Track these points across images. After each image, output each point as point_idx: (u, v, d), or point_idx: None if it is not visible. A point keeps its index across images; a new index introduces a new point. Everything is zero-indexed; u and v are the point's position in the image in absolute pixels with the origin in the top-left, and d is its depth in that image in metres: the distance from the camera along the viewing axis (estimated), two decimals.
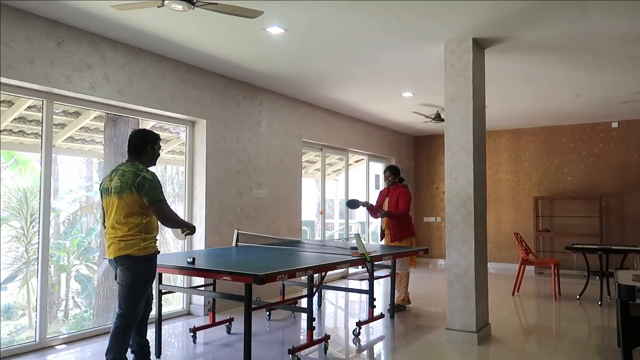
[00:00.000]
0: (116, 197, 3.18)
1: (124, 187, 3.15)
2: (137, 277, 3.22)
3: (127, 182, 3.15)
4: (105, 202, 3.29)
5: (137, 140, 3.33)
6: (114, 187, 3.21)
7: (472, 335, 4.38)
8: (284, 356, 4.09)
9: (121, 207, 3.17)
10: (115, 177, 3.23)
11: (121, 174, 3.21)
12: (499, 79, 5.86)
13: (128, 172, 3.19)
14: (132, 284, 3.22)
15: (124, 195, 3.15)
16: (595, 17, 3.96)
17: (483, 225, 4.67)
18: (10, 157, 5.22)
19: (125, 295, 3.24)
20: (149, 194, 3.14)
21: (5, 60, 3.76)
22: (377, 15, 3.94)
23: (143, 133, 3.40)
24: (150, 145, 3.35)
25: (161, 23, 4.17)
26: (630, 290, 3.46)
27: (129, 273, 3.20)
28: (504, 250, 9.46)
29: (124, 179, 3.17)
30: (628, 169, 8.53)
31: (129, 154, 3.36)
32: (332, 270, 4.13)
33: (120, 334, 3.24)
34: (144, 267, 3.23)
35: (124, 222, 3.18)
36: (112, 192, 3.22)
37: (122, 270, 3.22)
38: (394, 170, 6.11)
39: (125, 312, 3.24)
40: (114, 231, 3.23)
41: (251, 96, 6.25)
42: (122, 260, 3.20)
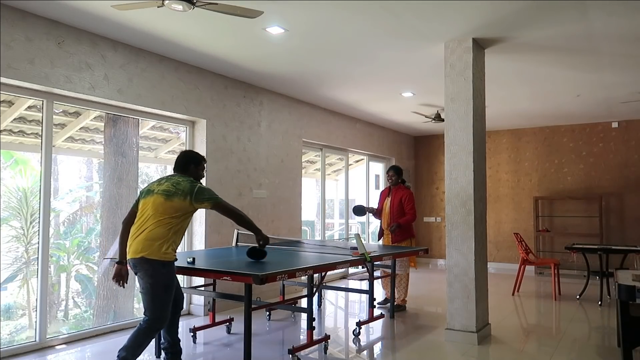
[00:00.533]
0: (163, 198, 3.25)
1: (178, 193, 3.27)
2: (156, 283, 3.22)
3: (183, 190, 3.28)
4: (144, 202, 3.33)
5: (181, 159, 3.54)
6: (163, 190, 3.29)
7: (472, 335, 4.38)
8: (284, 356, 4.09)
9: (165, 207, 3.24)
10: (166, 183, 3.35)
11: (175, 182, 3.34)
12: (499, 79, 5.86)
13: (184, 181, 3.34)
14: (152, 290, 3.21)
15: (175, 199, 3.25)
16: (595, 17, 3.96)
17: (483, 225, 4.67)
18: (10, 157, 5.22)
19: (150, 303, 3.23)
20: (211, 199, 3.36)
21: (5, 60, 3.76)
22: (377, 15, 3.94)
23: (188, 154, 3.59)
24: (192, 165, 3.53)
25: (161, 23, 4.17)
26: (630, 290, 3.46)
27: (148, 279, 3.20)
28: (504, 250, 9.46)
29: (179, 186, 3.30)
30: (628, 169, 8.53)
31: (176, 170, 3.52)
32: (332, 270, 4.13)
33: (140, 336, 3.21)
34: (161, 273, 3.23)
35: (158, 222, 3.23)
36: (157, 193, 3.29)
37: (141, 277, 3.22)
38: (397, 170, 6.08)
39: (151, 318, 3.23)
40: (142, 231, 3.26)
41: (251, 96, 6.25)
42: (140, 265, 3.21)
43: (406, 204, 5.82)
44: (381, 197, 6.18)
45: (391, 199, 5.95)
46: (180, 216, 3.28)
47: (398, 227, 5.75)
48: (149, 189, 3.38)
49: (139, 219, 3.32)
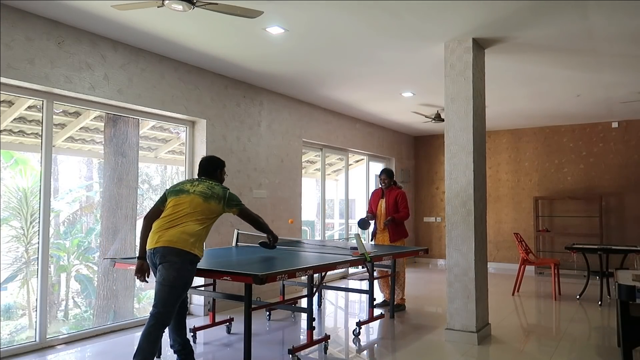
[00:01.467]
0: (201, 199, 3.40)
1: (214, 196, 3.44)
2: (180, 278, 3.22)
3: (217, 194, 3.46)
4: (176, 200, 3.40)
5: (209, 166, 3.71)
6: (200, 191, 3.44)
7: (472, 335, 4.38)
8: (284, 356, 4.09)
9: (203, 208, 3.38)
10: (200, 185, 3.49)
11: (209, 186, 3.50)
12: (499, 79, 5.86)
13: (217, 187, 3.53)
14: (174, 284, 3.20)
15: (212, 202, 3.42)
16: (595, 17, 3.97)
17: (483, 225, 4.67)
18: (10, 157, 5.22)
19: (165, 296, 3.20)
20: (239, 205, 3.58)
21: (5, 60, 3.76)
22: (378, 15, 3.94)
23: (213, 160, 3.75)
24: (219, 170, 3.73)
25: (161, 23, 4.17)
26: (630, 290, 3.46)
27: (173, 272, 3.20)
28: (504, 250, 9.46)
29: (214, 190, 3.48)
30: (628, 169, 8.53)
31: (202, 174, 3.68)
32: (332, 270, 4.13)
33: (154, 333, 3.19)
34: (187, 270, 3.26)
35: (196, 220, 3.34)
36: (195, 194, 3.42)
37: (167, 268, 3.21)
38: (389, 173, 6.13)
39: (161, 312, 3.20)
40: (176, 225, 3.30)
41: (251, 96, 6.25)
42: (170, 256, 3.21)
43: (400, 202, 5.93)
44: (374, 198, 6.20)
45: (386, 199, 6.01)
46: (213, 218, 3.45)
47: (392, 221, 5.83)
48: (181, 188, 3.48)
49: (169, 215, 3.36)
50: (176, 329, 3.51)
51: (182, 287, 3.25)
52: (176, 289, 3.22)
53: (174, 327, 3.52)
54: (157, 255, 3.27)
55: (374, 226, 6.17)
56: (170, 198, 3.46)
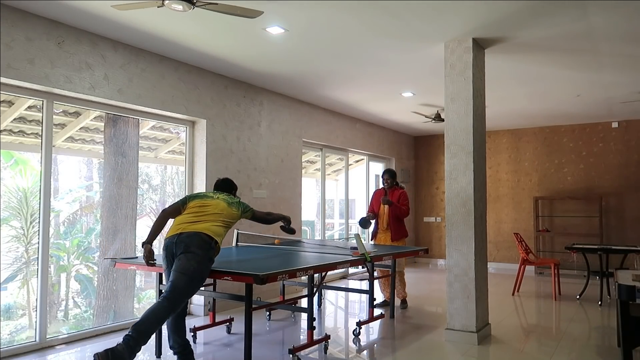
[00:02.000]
0: (226, 204, 3.71)
1: (234, 204, 3.78)
2: (200, 271, 3.29)
3: (236, 203, 3.81)
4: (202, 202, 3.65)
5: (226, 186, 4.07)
6: (223, 198, 3.76)
7: (472, 335, 4.38)
8: (284, 356, 4.09)
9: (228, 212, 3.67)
10: (222, 195, 3.82)
11: (229, 195, 3.89)
12: (499, 79, 5.86)
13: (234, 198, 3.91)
14: (193, 276, 3.25)
15: (233, 207, 3.74)
16: (595, 17, 3.97)
17: (483, 225, 4.67)
18: (10, 157, 5.22)
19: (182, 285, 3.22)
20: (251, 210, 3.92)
21: (5, 60, 3.76)
22: (378, 15, 3.94)
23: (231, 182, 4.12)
24: (234, 191, 4.10)
25: (161, 23, 4.17)
26: (630, 290, 3.46)
27: (194, 263, 3.27)
28: (504, 250, 9.46)
29: (233, 199, 3.83)
30: (628, 169, 8.53)
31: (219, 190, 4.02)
32: (332, 270, 4.13)
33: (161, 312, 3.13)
34: (206, 265, 3.36)
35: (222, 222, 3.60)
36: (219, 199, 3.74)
37: (189, 258, 3.27)
38: (392, 173, 6.20)
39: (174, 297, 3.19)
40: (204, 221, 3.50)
41: (251, 96, 6.25)
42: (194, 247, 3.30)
43: (402, 201, 6.03)
44: (376, 198, 6.22)
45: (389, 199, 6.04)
46: (232, 223, 3.73)
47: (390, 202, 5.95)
48: (205, 194, 3.79)
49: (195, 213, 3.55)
50: (176, 330, 3.51)
51: (199, 280, 3.31)
52: (193, 281, 3.26)
53: (174, 328, 3.52)
54: (180, 245, 3.34)
55: (375, 226, 6.18)
56: (192, 201, 3.68)
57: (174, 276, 3.25)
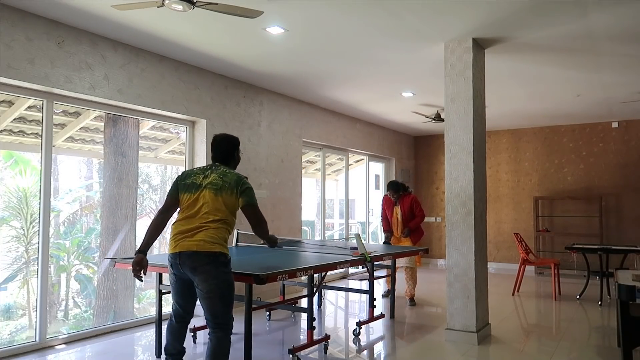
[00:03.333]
0: (213, 193, 3.02)
1: (226, 187, 3.04)
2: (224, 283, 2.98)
3: (229, 183, 3.05)
4: (188, 196, 3.06)
5: (225, 147, 3.24)
6: (212, 184, 3.04)
7: (472, 335, 4.38)
8: (284, 356, 4.09)
9: (218, 204, 3.02)
10: (212, 175, 3.09)
11: (221, 174, 3.09)
12: (499, 79, 5.86)
13: (230, 174, 3.10)
14: (222, 293, 2.97)
15: (224, 194, 3.03)
16: (595, 17, 3.97)
17: (483, 225, 4.67)
18: (10, 157, 5.22)
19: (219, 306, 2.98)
20: (249, 195, 3.10)
21: (5, 60, 3.76)
22: (377, 15, 3.94)
23: (230, 139, 3.28)
24: (236, 152, 3.30)
25: (161, 23, 4.17)
26: (630, 290, 3.46)
27: (213, 281, 2.93)
28: (504, 250, 9.46)
29: (226, 179, 3.07)
30: (628, 169, 8.53)
31: (217, 160, 3.23)
32: (332, 270, 4.13)
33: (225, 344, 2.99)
34: (225, 272, 3.00)
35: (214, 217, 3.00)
36: (206, 187, 3.04)
37: (204, 280, 2.93)
38: (396, 186, 6.44)
39: (222, 320, 3.00)
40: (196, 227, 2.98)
41: (251, 96, 6.25)
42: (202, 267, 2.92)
43: (416, 207, 6.38)
44: (388, 206, 6.55)
45: (401, 207, 6.39)
46: (233, 212, 3.11)
47: (410, 231, 6.29)
48: (193, 181, 3.09)
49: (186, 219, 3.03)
50: (179, 336, 3.28)
51: (230, 290, 3.02)
52: (226, 296, 2.99)
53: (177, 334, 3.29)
54: (185, 267, 2.97)
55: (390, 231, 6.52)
56: (182, 193, 3.10)
57: (206, 304, 2.99)
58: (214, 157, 3.26)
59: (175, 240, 3.01)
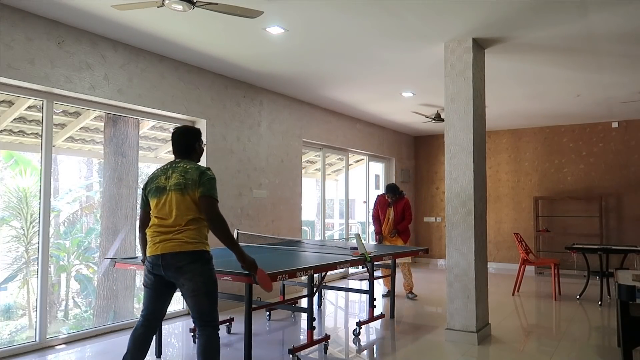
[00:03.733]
0: (179, 194, 2.92)
1: (189, 184, 2.93)
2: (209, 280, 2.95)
3: (192, 179, 2.94)
4: (157, 201, 2.99)
5: (185, 140, 3.14)
6: (175, 185, 2.95)
7: (472, 335, 4.38)
8: (284, 356, 4.09)
9: (186, 204, 2.93)
10: (174, 175, 2.98)
11: (182, 171, 2.98)
12: (499, 79, 5.86)
13: (192, 169, 2.98)
14: (208, 290, 2.94)
15: (189, 191, 2.93)
16: (595, 17, 3.97)
17: (483, 225, 4.67)
18: (11, 157, 5.22)
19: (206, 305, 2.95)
20: (208, 186, 2.95)
21: (5, 60, 3.76)
22: (378, 15, 3.94)
23: (190, 131, 3.18)
24: (197, 143, 3.18)
25: (161, 23, 4.17)
26: (630, 290, 3.46)
27: (199, 278, 2.90)
28: (504, 250, 9.46)
29: (188, 175, 2.95)
30: (628, 169, 8.53)
31: (178, 154, 3.14)
32: (332, 270, 4.13)
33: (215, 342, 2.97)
34: (210, 269, 2.97)
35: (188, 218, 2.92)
36: (171, 190, 2.95)
37: (189, 279, 2.89)
38: (394, 189, 6.71)
39: (209, 318, 2.98)
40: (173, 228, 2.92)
41: (251, 96, 6.25)
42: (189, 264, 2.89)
43: (406, 211, 6.73)
44: (382, 206, 6.78)
45: (394, 209, 6.69)
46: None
47: (398, 233, 6.65)
48: (157, 185, 3.01)
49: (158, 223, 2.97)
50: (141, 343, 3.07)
51: (215, 287, 2.99)
52: (212, 293, 2.96)
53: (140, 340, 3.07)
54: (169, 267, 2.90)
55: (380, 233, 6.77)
56: (151, 199, 3.03)
57: (193, 302, 2.95)
58: (174, 152, 3.15)
59: (154, 242, 2.95)
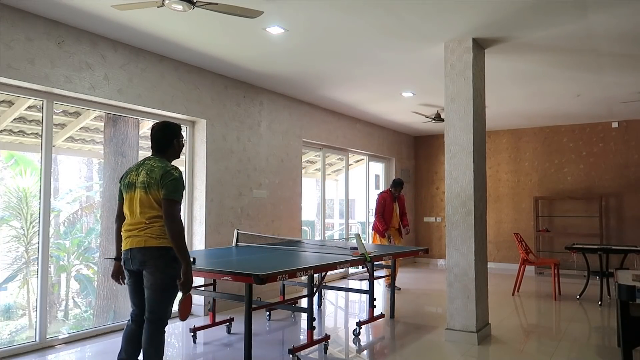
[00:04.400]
0: (143, 192, 2.98)
1: (152, 183, 2.96)
2: (169, 278, 2.97)
3: (155, 178, 2.97)
4: (127, 197, 3.06)
5: (162, 136, 3.13)
6: (141, 182, 3.00)
7: (472, 335, 4.38)
8: (284, 356, 4.09)
9: (149, 202, 2.97)
10: (142, 172, 3.03)
11: (149, 169, 3.01)
12: (499, 79, 5.86)
13: (157, 168, 3.01)
14: (166, 286, 2.97)
15: (152, 191, 2.96)
16: (595, 17, 3.97)
17: (483, 225, 4.67)
18: (11, 157, 5.22)
19: (158, 300, 2.98)
20: (169, 188, 2.94)
21: (5, 60, 3.76)
22: (378, 15, 3.94)
23: (168, 127, 3.15)
24: (176, 140, 3.16)
25: (161, 23, 4.17)
26: (630, 290, 3.46)
27: (160, 274, 2.95)
28: (504, 250, 9.46)
29: (152, 174, 2.98)
30: (628, 169, 8.53)
31: (154, 150, 3.15)
32: (332, 270, 4.13)
33: (157, 339, 3.00)
34: (173, 267, 2.98)
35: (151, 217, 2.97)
36: (137, 187, 3.01)
37: (152, 272, 2.95)
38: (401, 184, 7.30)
39: (158, 315, 2.99)
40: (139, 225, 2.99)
41: (251, 96, 6.25)
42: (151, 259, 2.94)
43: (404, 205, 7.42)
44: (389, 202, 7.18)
45: (398, 203, 7.28)
46: None
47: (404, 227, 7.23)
48: (129, 181, 3.07)
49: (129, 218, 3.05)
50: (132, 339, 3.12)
51: (173, 286, 3.01)
52: (167, 291, 3.00)
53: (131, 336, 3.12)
54: (135, 261, 2.99)
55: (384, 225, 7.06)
56: (124, 194, 3.09)
57: (147, 295, 3.00)
58: (151, 148, 3.17)
59: (125, 238, 3.05)
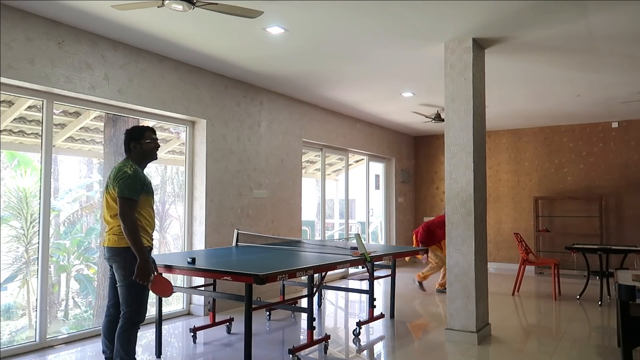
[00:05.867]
0: (107, 192, 3.23)
1: (109, 184, 3.21)
2: (130, 273, 3.12)
3: (111, 178, 3.21)
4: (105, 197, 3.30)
5: (124, 140, 3.36)
6: (106, 184, 3.27)
7: (472, 335, 4.38)
8: (284, 356, 4.09)
9: (110, 202, 3.20)
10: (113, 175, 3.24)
11: (112, 170, 3.27)
12: (499, 79, 5.86)
13: (115, 168, 3.25)
14: (129, 282, 3.13)
15: (110, 190, 3.19)
16: (595, 17, 3.97)
17: (483, 225, 4.67)
18: (13, 158, 5.22)
19: (125, 295, 3.16)
20: (121, 187, 3.09)
21: (5, 60, 3.76)
22: (378, 15, 3.94)
23: (127, 132, 3.35)
24: (132, 143, 3.28)
25: (161, 23, 4.17)
26: (630, 290, 3.46)
27: (122, 271, 3.15)
28: (504, 250, 9.46)
29: (111, 174, 3.24)
30: (628, 169, 8.53)
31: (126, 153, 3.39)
32: (332, 270, 4.13)
33: (123, 334, 3.14)
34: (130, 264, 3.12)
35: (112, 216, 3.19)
36: (106, 188, 3.28)
37: (116, 269, 3.18)
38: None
39: (127, 311, 3.16)
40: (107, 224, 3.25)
41: (251, 96, 6.25)
42: (114, 257, 3.16)
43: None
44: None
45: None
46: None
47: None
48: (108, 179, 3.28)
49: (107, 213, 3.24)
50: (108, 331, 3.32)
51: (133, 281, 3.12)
52: (132, 286, 3.14)
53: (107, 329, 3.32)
54: (106, 258, 3.25)
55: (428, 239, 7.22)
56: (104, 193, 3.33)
57: (118, 290, 3.22)
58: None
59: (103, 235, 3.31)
